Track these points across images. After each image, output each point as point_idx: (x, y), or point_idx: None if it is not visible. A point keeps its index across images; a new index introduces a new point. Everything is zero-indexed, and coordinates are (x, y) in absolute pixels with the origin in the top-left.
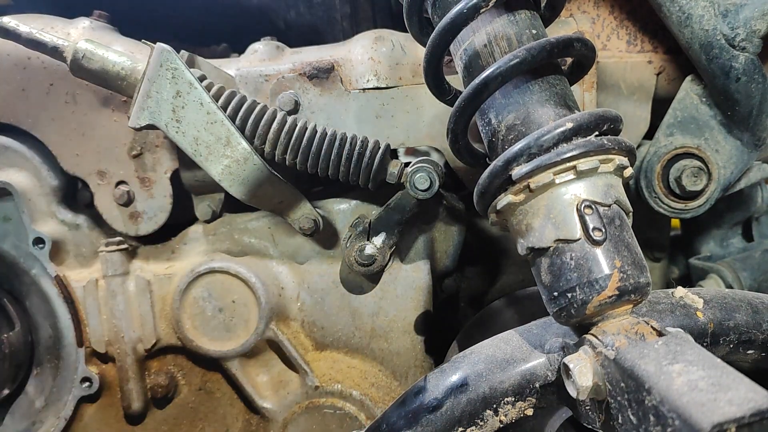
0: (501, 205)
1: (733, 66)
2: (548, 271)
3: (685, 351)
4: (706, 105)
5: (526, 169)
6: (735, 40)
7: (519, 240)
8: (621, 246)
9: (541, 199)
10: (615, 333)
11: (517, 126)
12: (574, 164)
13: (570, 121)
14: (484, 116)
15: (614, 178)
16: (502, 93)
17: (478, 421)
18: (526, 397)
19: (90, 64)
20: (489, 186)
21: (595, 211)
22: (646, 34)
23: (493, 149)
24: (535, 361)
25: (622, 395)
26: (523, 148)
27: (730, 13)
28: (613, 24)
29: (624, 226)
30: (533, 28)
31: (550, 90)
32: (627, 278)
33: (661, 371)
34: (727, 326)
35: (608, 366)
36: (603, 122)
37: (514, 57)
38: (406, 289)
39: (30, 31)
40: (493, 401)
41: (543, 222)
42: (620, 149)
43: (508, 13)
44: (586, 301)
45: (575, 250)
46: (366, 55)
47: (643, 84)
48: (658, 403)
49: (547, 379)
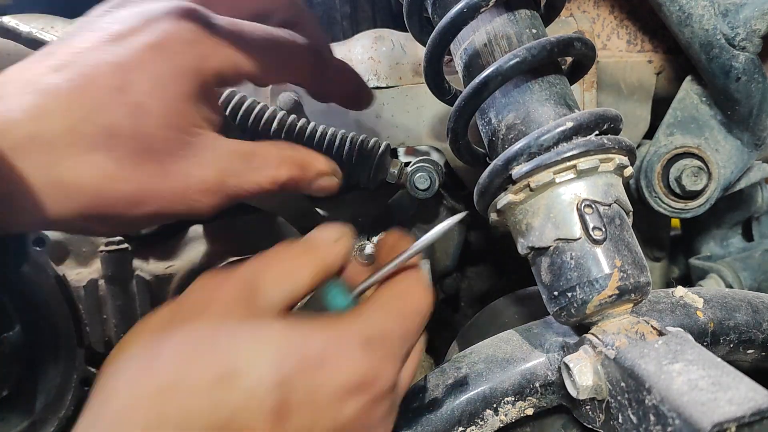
0: (501, 205)
1: (733, 65)
2: (548, 271)
3: (685, 350)
4: (706, 105)
5: (526, 168)
6: (735, 39)
7: (519, 239)
8: (621, 245)
9: (541, 198)
10: (615, 332)
11: (517, 125)
12: (574, 163)
13: (570, 121)
14: (484, 115)
15: (614, 177)
16: (502, 92)
17: (478, 421)
18: (526, 397)
19: None
20: (489, 185)
21: (595, 211)
22: (646, 33)
23: (493, 148)
24: (535, 360)
25: (622, 395)
26: (523, 148)
27: (730, 12)
28: (613, 24)
29: (624, 226)
30: (533, 28)
31: (550, 89)
32: (627, 278)
33: (661, 370)
34: (727, 326)
35: (608, 365)
36: (603, 121)
37: (514, 56)
38: None
39: (30, 30)
40: (493, 401)
41: (543, 221)
42: (620, 148)
43: (508, 12)
44: (587, 301)
45: (575, 250)
46: (366, 54)
47: (643, 83)
48: (659, 402)
49: (548, 378)
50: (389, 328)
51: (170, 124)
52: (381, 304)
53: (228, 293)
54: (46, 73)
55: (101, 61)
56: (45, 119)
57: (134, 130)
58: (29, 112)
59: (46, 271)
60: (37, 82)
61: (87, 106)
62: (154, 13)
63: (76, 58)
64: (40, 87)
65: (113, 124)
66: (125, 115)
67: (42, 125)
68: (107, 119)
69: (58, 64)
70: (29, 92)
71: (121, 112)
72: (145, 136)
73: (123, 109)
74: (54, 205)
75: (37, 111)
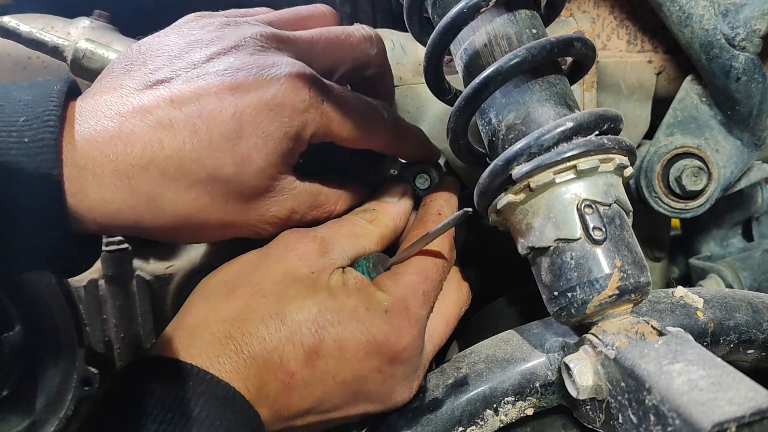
0: (501, 205)
1: (733, 66)
2: (548, 271)
3: (685, 350)
4: (706, 105)
5: (526, 168)
6: (735, 39)
7: (519, 239)
8: (621, 245)
9: (541, 198)
10: (615, 332)
11: (517, 125)
12: (575, 163)
13: (570, 121)
14: (484, 115)
15: (614, 177)
16: (502, 92)
17: (478, 421)
18: (526, 397)
19: (90, 64)
20: (489, 185)
21: (595, 211)
22: (646, 33)
23: (494, 149)
24: (535, 360)
25: (622, 395)
26: (524, 148)
27: (730, 12)
28: (613, 24)
29: (624, 226)
30: (533, 28)
31: (550, 89)
32: (627, 278)
33: (661, 371)
34: (727, 326)
35: (608, 365)
36: (603, 122)
37: (514, 56)
38: None
39: (30, 30)
40: (494, 401)
41: (543, 221)
42: (620, 149)
43: (508, 12)
44: (587, 301)
45: (575, 250)
46: None
47: (643, 84)
48: (659, 402)
49: (548, 378)
50: (409, 298)
51: (266, 175)
52: (404, 276)
53: (305, 246)
54: (164, 106)
55: (220, 110)
56: (160, 151)
57: (235, 177)
58: (146, 139)
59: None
60: (154, 111)
61: (199, 149)
62: (276, 72)
63: (197, 99)
64: (157, 118)
65: (218, 169)
66: (231, 163)
67: (156, 155)
68: (214, 164)
69: (178, 99)
70: (147, 121)
71: (228, 160)
72: (242, 183)
73: (230, 158)
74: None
75: (155, 140)
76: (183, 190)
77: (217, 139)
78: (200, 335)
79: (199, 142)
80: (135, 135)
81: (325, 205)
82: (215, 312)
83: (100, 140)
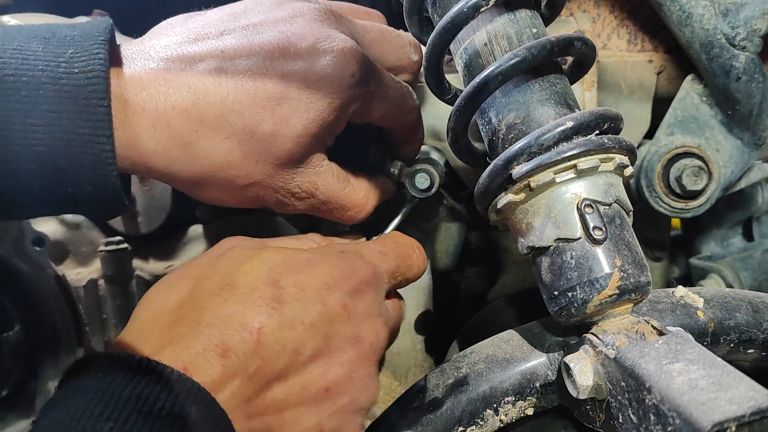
0: (501, 204)
1: (734, 65)
2: (548, 270)
3: (685, 350)
4: (706, 104)
5: (526, 168)
6: (735, 39)
7: (519, 239)
8: (621, 245)
9: (541, 198)
10: (615, 332)
11: (517, 125)
12: (575, 163)
13: (570, 120)
14: (485, 115)
15: (615, 177)
16: (502, 92)
17: (478, 421)
18: (526, 397)
19: None
20: (489, 185)
21: (595, 210)
22: (646, 33)
23: (494, 148)
24: (535, 360)
25: (622, 394)
26: (524, 147)
27: (730, 12)
28: (614, 23)
29: (624, 225)
30: (533, 27)
31: (550, 89)
32: (627, 277)
33: (661, 370)
34: (727, 325)
35: (608, 365)
36: (603, 121)
37: (514, 56)
38: (406, 289)
39: None
40: (494, 401)
41: (543, 221)
42: (621, 148)
43: (508, 12)
44: (587, 300)
45: (576, 249)
46: None
47: (643, 83)
48: (659, 402)
49: (548, 378)
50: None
51: (300, 142)
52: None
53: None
54: (215, 56)
55: (270, 69)
56: (203, 98)
57: (271, 137)
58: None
59: (46, 271)
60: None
61: (242, 102)
62: (329, 45)
63: (248, 55)
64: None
65: (256, 125)
66: (270, 122)
67: (199, 101)
68: (254, 119)
69: (229, 52)
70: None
71: (268, 118)
72: (276, 145)
73: (270, 117)
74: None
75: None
76: (219, 140)
77: (262, 96)
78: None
79: (243, 95)
80: (181, 79)
81: (351, 195)
82: (161, 308)
83: (145, 79)
